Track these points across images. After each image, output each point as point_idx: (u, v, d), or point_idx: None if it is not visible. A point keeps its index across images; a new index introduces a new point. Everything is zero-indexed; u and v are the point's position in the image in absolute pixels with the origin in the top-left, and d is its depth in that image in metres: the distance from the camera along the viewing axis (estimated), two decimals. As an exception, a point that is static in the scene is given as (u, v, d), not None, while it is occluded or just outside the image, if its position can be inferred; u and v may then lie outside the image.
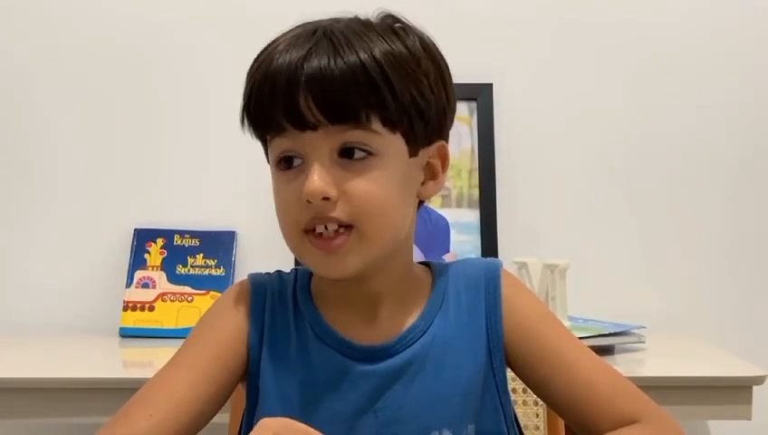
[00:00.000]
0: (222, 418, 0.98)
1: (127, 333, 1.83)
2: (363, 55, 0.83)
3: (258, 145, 0.94)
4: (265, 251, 1.91)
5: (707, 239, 1.95)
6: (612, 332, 1.68)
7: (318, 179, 0.83)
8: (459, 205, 1.91)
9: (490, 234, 1.89)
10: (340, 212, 0.84)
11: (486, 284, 0.93)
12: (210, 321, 0.94)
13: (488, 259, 0.98)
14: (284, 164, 0.86)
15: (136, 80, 1.93)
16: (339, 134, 0.83)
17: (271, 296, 0.93)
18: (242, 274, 1.88)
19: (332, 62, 0.82)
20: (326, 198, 0.83)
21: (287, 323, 0.92)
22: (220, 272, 1.88)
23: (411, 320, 0.92)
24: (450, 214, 1.90)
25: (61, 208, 1.91)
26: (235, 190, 1.92)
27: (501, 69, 1.94)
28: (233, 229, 1.92)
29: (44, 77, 1.92)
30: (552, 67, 1.96)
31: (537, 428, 1.32)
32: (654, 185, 1.95)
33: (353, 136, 0.83)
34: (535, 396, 1.27)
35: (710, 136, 1.96)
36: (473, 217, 1.90)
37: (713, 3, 1.96)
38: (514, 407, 0.97)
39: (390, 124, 0.85)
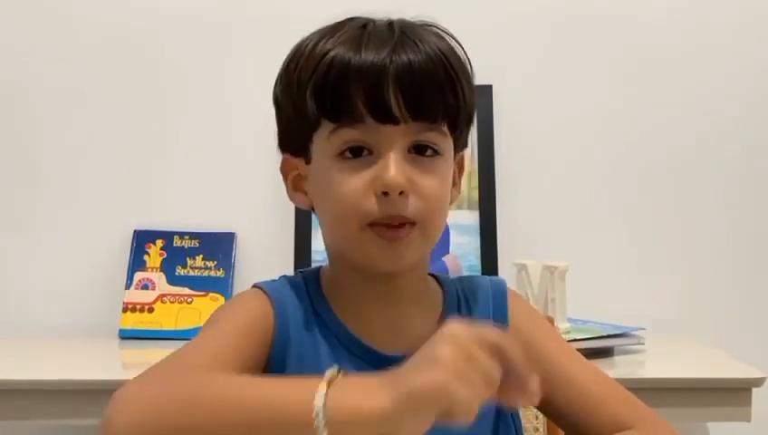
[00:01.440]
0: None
1: (126, 335, 1.83)
2: (440, 53, 0.86)
3: (258, 145, 0.93)
4: (265, 252, 1.92)
5: (707, 241, 1.95)
6: (612, 333, 1.68)
7: (397, 172, 0.83)
8: (459, 206, 1.90)
9: (489, 236, 1.89)
10: (411, 208, 0.85)
11: (494, 303, 0.95)
12: (231, 307, 0.91)
13: (492, 278, 0.99)
14: (350, 154, 0.86)
15: (135, 81, 1.93)
16: (415, 132, 0.85)
17: (292, 305, 0.90)
18: (241, 275, 1.88)
19: (419, 56, 0.84)
20: (402, 192, 0.84)
21: (310, 329, 0.90)
22: (220, 273, 1.88)
23: (429, 328, 0.91)
24: (449, 215, 1.88)
25: (60, 210, 1.91)
26: (235, 192, 1.92)
27: (500, 71, 1.93)
28: (232, 231, 1.92)
29: (44, 79, 1.92)
30: (552, 69, 1.96)
31: (537, 429, 1.32)
32: (653, 187, 1.95)
33: (428, 136, 0.86)
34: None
35: (709, 137, 1.96)
36: (472, 218, 1.90)
37: (713, 2, 1.96)
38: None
39: (453, 127, 0.88)
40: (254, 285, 0.92)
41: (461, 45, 0.91)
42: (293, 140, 0.91)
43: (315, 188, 0.90)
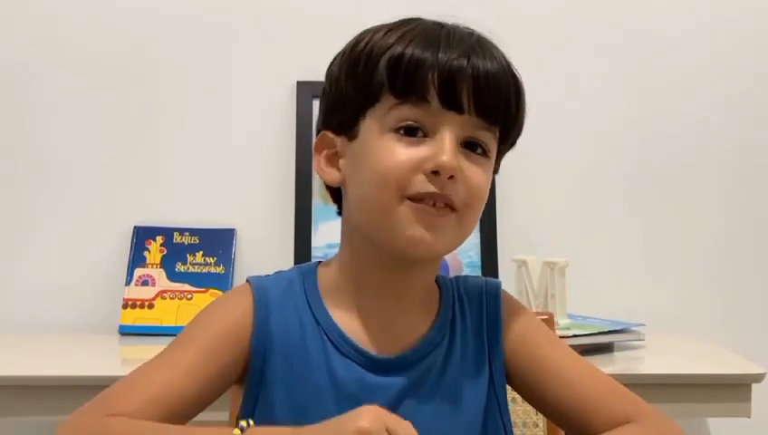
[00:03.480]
0: (222, 416, 0.98)
1: (126, 331, 1.83)
2: (508, 66, 0.92)
3: (257, 142, 0.93)
4: (265, 249, 1.92)
5: (706, 237, 1.95)
6: (612, 329, 1.68)
7: (453, 155, 0.85)
8: (459, 203, 1.90)
9: (489, 232, 1.89)
10: (459, 194, 0.86)
11: (488, 305, 0.95)
12: (208, 316, 0.91)
13: (488, 279, 0.99)
14: (404, 131, 0.86)
15: (135, 78, 1.93)
16: (473, 127, 0.87)
17: (279, 302, 0.90)
18: (241, 271, 1.88)
19: (495, 63, 0.89)
20: (451, 176, 0.85)
21: (299, 327, 0.89)
22: (219, 270, 1.88)
23: (424, 330, 0.92)
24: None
25: (60, 206, 1.91)
26: (235, 188, 1.92)
27: (500, 67, 1.94)
28: (232, 227, 1.92)
29: (44, 76, 1.92)
30: (551, 65, 1.96)
31: (536, 425, 1.32)
32: (653, 182, 1.95)
33: (482, 134, 0.88)
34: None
35: (710, 134, 1.96)
36: (472, 214, 1.90)
37: (714, 2, 1.96)
38: (513, 405, 0.97)
39: (504, 137, 0.92)
40: (248, 279, 0.93)
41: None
42: (343, 115, 0.90)
43: (355, 162, 0.89)
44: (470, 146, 0.88)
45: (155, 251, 1.89)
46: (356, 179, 0.88)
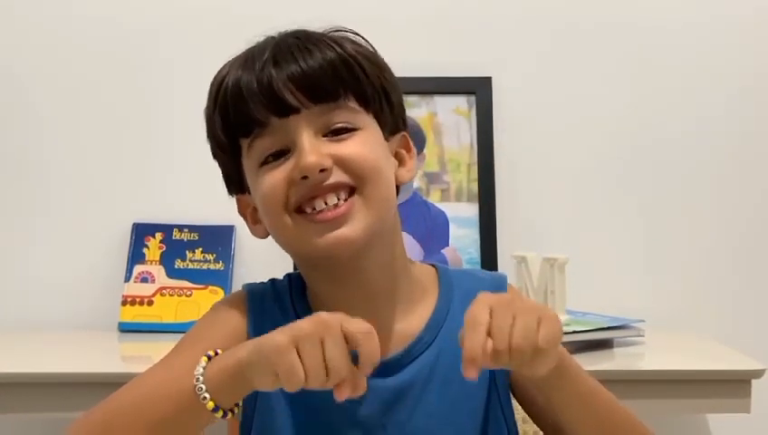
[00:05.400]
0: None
1: (126, 328, 1.83)
2: (336, 49, 0.87)
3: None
4: (264, 245, 1.91)
5: (706, 233, 1.95)
6: (611, 326, 1.68)
7: (312, 152, 0.84)
8: (458, 199, 1.90)
9: (489, 228, 1.89)
10: (338, 177, 0.84)
11: None
12: (207, 322, 0.92)
13: (494, 273, 0.99)
14: (272, 158, 0.86)
15: (134, 75, 1.93)
16: (322, 115, 0.86)
17: (271, 310, 0.92)
18: (241, 267, 1.88)
19: (309, 54, 0.86)
20: (323, 170, 0.84)
21: None
22: (219, 266, 1.88)
23: (417, 329, 0.91)
24: (449, 208, 1.90)
25: (59, 203, 1.91)
26: (234, 185, 1.92)
27: (500, 62, 1.93)
28: (231, 223, 1.92)
29: (42, 73, 1.92)
30: (552, 60, 1.95)
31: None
32: (653, 179, 1.95)
33: (335, 115, 0.86)
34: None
35: (710, 131, 1.96)
36: (472, 211, 1.90)
37: (714, 1, 1.96)
38: (513, 401, 0.97)
39: (365, 102, 0.88)
40: (243, 287, 0.95)
41: (366, 42, 0.92)
42: (233, 178, 0.93)
43: (258, 207, 0.90)
44: (335, 131, 0.86)
45: (154, 248, 1.89)
46: (262, 217, 0.91)
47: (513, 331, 0.72)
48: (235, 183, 0.94)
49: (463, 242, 1.88)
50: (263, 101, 0.85)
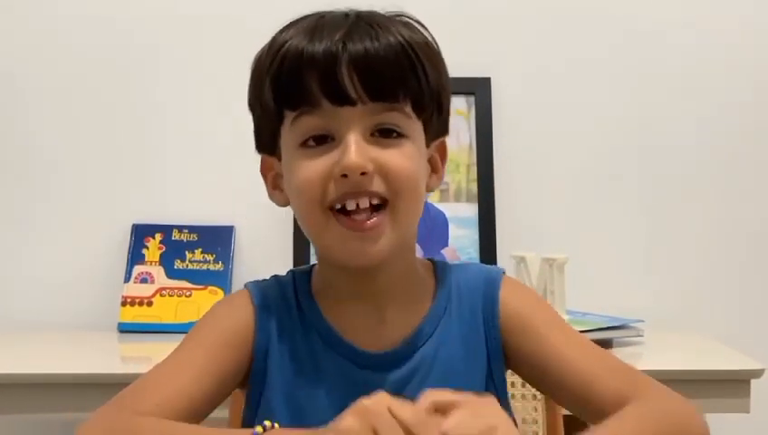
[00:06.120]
0: (222, 413, 0.98)
1: (125, 329, 1.83)
2: (401, 39, 0.85)
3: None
4: (264, 246, 1.92)
5: (705, 233, 1.95)
6: (610, 326, 1.68)
7: (357, 152, 0.82)
8: (458, 199, 1.91)
9: (488, 228, 1.89)
10: (377, 186, 0.83)
11: (485, 291, 0.93)
12: (212, 320, 0.92)
13: (491, 267, 0.98)
14: (313, 142, 0.85)
15: (133, 76, 1.93)
16: (375, 113, 0.84)
17: (276, 306, 0.91)
18: (240, 268, 1.88)
19: (376, 42, 0.83)
20: (364, 173, 0.82)
21: (294, 330, 0.90)
22: (218, 267, 1.88)
23: (416, 323, 0.91)
24: (448, 208, 1.90)
25: (59, 204, 1.91)
26: (234, 185, 1.92)
27: (499, 63, 1.94)
28: (231, 224, 1.92)
29: (42, 74, 1.92)
30: (551, 61, 1.96)
31: (535, 421, 1.32)
32: (652, 178, 1.95)
33: (389, 117, 0.85)
34: (534, 390, 1.28)
35: (709, 131, 1.96)
36: (471, 211, 1.90)
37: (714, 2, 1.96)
38: (512, 401, 0.97)
39: (419, 109, 0.86)
40: (246, 285, 0.94)
41: (429, 33, 0.90)
42: (265, 138, 0.91)
43: (286, 183, 0.89)
44: (384, 132, 0.85)
45: (154, 248, 1.89)
46: (291, 200, 0.89)
47: None
48: (266, 143, 0.91)
49: (462, 242, 1.89)
50: (322, 83, 0.83)
